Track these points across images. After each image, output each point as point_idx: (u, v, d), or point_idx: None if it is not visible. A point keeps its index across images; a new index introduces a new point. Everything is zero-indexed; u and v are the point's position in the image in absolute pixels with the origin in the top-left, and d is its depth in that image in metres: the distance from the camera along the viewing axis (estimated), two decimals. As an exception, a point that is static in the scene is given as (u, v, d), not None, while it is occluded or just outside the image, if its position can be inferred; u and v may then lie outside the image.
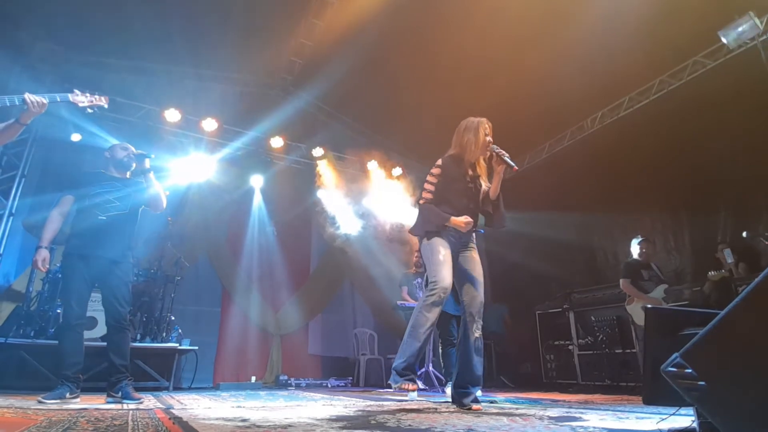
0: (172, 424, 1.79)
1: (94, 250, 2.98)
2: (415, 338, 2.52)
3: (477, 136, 2.80)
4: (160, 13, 5.12)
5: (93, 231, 3.00)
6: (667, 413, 1.71)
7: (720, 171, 5.11)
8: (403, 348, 2.56)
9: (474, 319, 2.64)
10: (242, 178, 7.09)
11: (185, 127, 6.40)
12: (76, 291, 2.93)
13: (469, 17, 5.11)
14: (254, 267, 6.91)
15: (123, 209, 3.12)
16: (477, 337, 2.62)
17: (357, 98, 6.76)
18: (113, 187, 3.15)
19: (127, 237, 3.16)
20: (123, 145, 3.33)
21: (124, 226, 3.14)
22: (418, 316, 2.56)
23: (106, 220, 3.04)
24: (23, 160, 5.33)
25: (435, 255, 2.65)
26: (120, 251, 3.08)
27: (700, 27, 4.77)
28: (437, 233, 2.73)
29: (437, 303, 2.54)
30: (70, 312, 2.89)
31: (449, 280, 2.58)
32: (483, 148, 2.81)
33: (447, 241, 2.72)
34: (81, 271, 2.95)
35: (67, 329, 2.90)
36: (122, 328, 3.02)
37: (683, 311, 1.73)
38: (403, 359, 2.52)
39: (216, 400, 3.31)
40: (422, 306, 2.56)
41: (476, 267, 2.79)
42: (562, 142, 6.91)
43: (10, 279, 5.15)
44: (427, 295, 2.58)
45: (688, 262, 5.34)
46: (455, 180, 2.80)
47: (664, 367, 1.14)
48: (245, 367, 6.38)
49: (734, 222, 4.92)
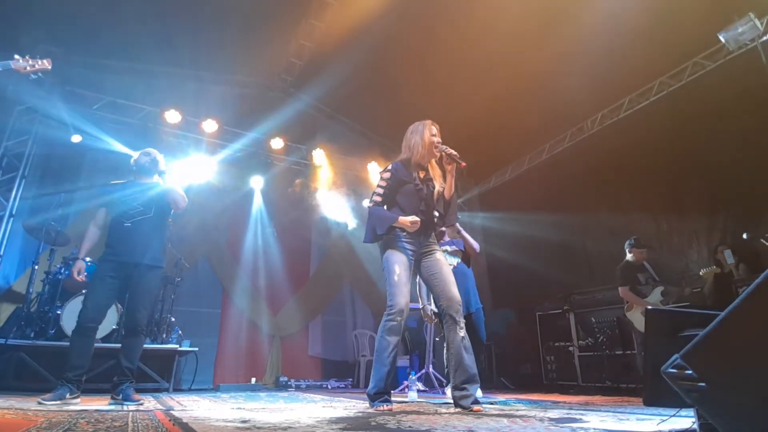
0: (173, 426, 1.78)
1: (125, 257, 3.03)
2: (382, 363, 2.57)
3: (423, 138, 2.81)
4: (161, 14, 5.13)
5: (120, 238, 3.07)
6: (668, 414, 1.71)
7: (720, 172, 5.11)
8: (373, 374, 2.61)
9: (455, 320, 2.63)
10: (242, 179, 7.09)
11: (185, 129, 6.40)
12: (96, 296, 2.98)
13: (468, 18, 5.12)
14: (254, 268, 6.91)
15: (147, 213, 3.14)
16: (462, 337, 2.61)
17: (357, 99, 6.77)
18: (136, 193, 3.19)
19: (156, 241, 3.18)
20: (146, 151, 3.35)
21: (151, 230, 3.16)
22: (380, 341, 2.61)
23: (131, 226, 3.09)
24: (24, 162, 5.33)
25: (390, 276, 2.65)
26: (149, 256, 3.10)
27: (700, 28, 4.77)
28: (393, 243, 2.69)
29: (396, 328, 2.59)
30: (84, 314, 2.92)
31: (405, 300, 2.61)
32: (430, 148, 2.81)
33: (403, 252, 2.69)
34: (109, 278, 3.00)
35: (77, 330, 2.92)
36: (137, 332, 3.07)
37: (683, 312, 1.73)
38: (373, 385, 2.58)
39: (216, 402, 3.31)
40: (383, 331, 2.61)
41: (443, 268, 2.76)
42: (562, 144, 6.91)
43: (10, 280, 5.15)
44: (385, 320, 2.62)
45: (689, 264, 5.33)
46: (405, 183, 2.80)
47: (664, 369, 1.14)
48: (245, 368, 6.38)
49: (735, 223, 4.92)
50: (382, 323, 2.64)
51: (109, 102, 5.95)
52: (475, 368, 2.61)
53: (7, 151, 5.25)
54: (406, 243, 2.72)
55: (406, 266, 2.69)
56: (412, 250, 2.74)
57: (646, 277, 4.48)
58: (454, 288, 2.70)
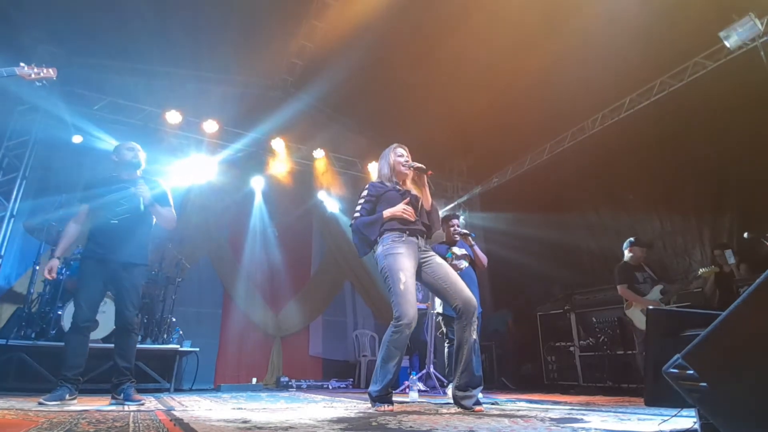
0: (174, 426, 1.78)
1: (108, 254, 2.99)
2: (386, 371, 2.56)
3: (389, 162, 2.92)
4: (161, 15, 5.13)
5: (105, 235, 3.02)
6: (669, 415, 1.71)
7: (721, 172, 5.11)
8: (375, 378, 2.59)
9: (470, 322, 2.60)
10: (243, 179, 7.10)
11: (186, 129, 6.41)
12: (88, 294, 2.95)
13: (469, 18, 5.12)
14: (255, 269, 6.92)
15: (134, 211, 3.08)
16: (475, 339, 2.61)
17: (358, 100, 6.77)
18: (122, 189, 3.11)
19: (140, 238, 3.14)
20: (128, 145, 3.25)
21: (136, 227, 3.11)
22: (387, 351, 2.56)
23: (118, 223, 3.04)
24: (24, 162, 5.33)
25: (396, 284, 2.54)
26: (133, 253, 3.06)
27: (701, 28, 4.77)
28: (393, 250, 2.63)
29: (403, 342, 2.54)
30: (79, 314, 2.90)
31: (414, 311, 2.53)
32: (398, 168, 2.89)
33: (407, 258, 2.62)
34: (95, 274, 2.97)
35: (74, 330, 2.90)
36: (129, 331, 3.04)
37: (684, 312, 1.73)
38: (376, 387, 2.56)
39: (217, 402, 3.31)
40: (389, 341, 2.55)
41: (449, 270, 2.72)
42: (562, 144, 6.90)
43: (11, 281, 5.16)
44: (392, 331, 2.55)
45: (692, 263, 5.33)
46: (386, 190, 2.82)
47: (665, 369, 1.14)
48: (246, 368, 6.38)
49: (737, 223, 4.92)
50: (389, 333, 2.57)
51: (109, 102, 5.95)
52: (480, 372, 2.63)
53: (7, 151, 5.26)
54: (407, 249, 2.66)
55: (412, 273, 2.61)
56: (413, 256, 2.68)
57: (644, 276, 4.48)
58: (467, 289, 2.67)
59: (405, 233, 2.70)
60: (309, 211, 7.70)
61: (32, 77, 2.92)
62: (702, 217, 5.32)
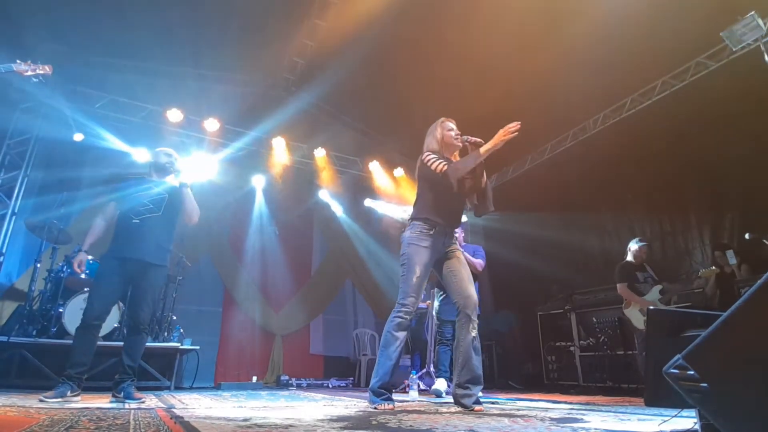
0: (174, 424, 1.79)
1: (129, 253, 3.01)
2: (387, 357, 2.59)
3: (436, 137, 2.88)
4: (163, 13, 5.13)
5: (127, 234, 3.05)
6: (670, 415, 1.71)
7: (723, 172, 5.09)
8: (377, 368, 2.61)
9: (470, 319, 2.63)
10: (244, 178, 7.11)
11: (187, 127, 6.42)
12: (101, 291, 2.97)
13: (471, 18, 5.11)
14: (256, 267, 6.93)
15: (156, 211, 3.12)
16: (474, 337, 2.62)
17: (359, 98, 6.76)
18: (148, 190, 3.17)
19: (161, 240, 3.16)
20: (167, 151, 3.35)
21: (157, 228, 3.13)
22: (387, 337, 2.62)
23: (140, 222, 3.06)
24: (26, 160, 5.35)
25: (410, 274, 2.64)
26: (153, 254, 3.08)
27: (703, 28, 4.75)
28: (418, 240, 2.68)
29: (404, 324, 2.62)
30: (90, 310, 2.91)
31: (417, 303, 2.66)
32: (449, 142, 2.86)
33: (427, 251, 2.67)
34: (113, 272, 2.99)
35: (82, 327, 2.92)
36: (139, 330, 3.06)
37: (685, 313, 1.72)
38: (377, 378, 2.58)
39: (217, 400, 3.31)
40: (390, 326, 2.63)
41: (463, 268, 2.77)
42: (564, 143, 6.89)
43: (13, 278, 5.17)
44: (394, 315, 2.64)
45: (693, 264, 5.32)
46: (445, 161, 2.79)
47: (666, 369, 1.13)
48: (246, 367, 6.40)
49: (738, 224, 4.91)
50: (391, 319, 2.65)
51: (111, 100, 5.96)
52: (480, 370, 2.62)
53: (9, 149, 5.27)
54: (432, 242, 2.71)
55: (427, 269, 2.69)
56: (436, 250, 2.74)
57: (645, 276, 4.47)
58: (471, 287, 2.71)
59: (435, 228, 2.73)
60: (310, 209, 7.71)
61: (28, 73, 2.99)
62: (703, 217, 5.31)
